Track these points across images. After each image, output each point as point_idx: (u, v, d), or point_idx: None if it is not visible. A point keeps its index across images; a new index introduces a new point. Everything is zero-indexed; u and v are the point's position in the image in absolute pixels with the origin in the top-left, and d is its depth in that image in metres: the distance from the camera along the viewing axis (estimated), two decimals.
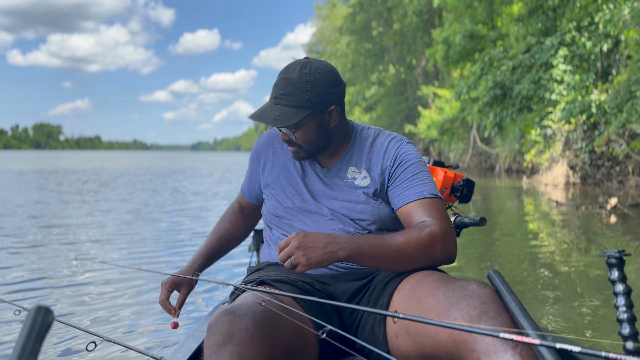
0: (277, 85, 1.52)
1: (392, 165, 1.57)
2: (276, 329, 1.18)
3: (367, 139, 1.64)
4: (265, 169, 1.70)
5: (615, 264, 0.99)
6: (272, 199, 1.65)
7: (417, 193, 1.50)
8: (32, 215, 7.93)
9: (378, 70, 39.23)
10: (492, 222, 7.19)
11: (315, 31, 51.63)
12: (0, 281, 3.99)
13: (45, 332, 0.68)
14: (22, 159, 53.76)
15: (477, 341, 1.08)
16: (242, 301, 1.23)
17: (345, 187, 1.59)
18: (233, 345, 1.08)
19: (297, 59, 1.57)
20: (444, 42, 18.89)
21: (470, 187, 2.11)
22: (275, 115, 1.48)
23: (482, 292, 1.16)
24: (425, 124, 25.96)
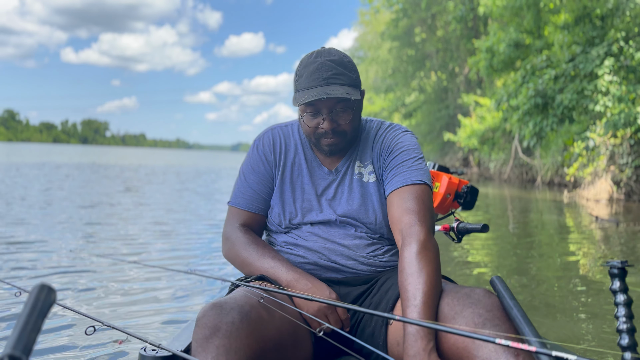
0: (321, 68, 1.44)
1: (387, 155, 1.54)
2: (265, 324, 1.18)
3: (370, 132, 1.61)
4: (278, 172, 1.60)
5: (617, 274, 1.00)
6: (279, 207, 1.58)
7: (401, 180, 1.46)
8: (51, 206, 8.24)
9: (419, 76, 38.89)
10: (528, 235, 7.05)
11: (357, 36, 51.68)
12: (4, 265, 4.15)
13: (48, 309, 0.68)
14: (70, 152, 55.77)
15: (480, 348, 1.09)
16: (231, 295, 1.25)
17: (355, 187, 1.55)
18: (219, 338, 1.09)
19: (314, 50, 1.53)
20: (487, 51, 18.58)
21: (474, 195, 2.11)
22: (342, 92, 1.42)
23: (487, 301, 1.16)
24: (465, 132, 25.54)
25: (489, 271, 4.54)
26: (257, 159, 1.62)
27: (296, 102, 1.46)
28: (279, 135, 1.64)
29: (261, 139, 1.65)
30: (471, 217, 9.27)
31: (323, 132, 1.48)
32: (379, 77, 43.71)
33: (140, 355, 1.19)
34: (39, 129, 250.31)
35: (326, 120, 1.46)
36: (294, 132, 1.65)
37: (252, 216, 1.60)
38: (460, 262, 4.95)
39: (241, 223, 1.59)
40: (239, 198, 1.61)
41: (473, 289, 1.22)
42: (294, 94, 1.51)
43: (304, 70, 1.48)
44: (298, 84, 1.49)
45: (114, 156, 50.98)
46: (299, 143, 1.62)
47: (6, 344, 0.61)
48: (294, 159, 1.60)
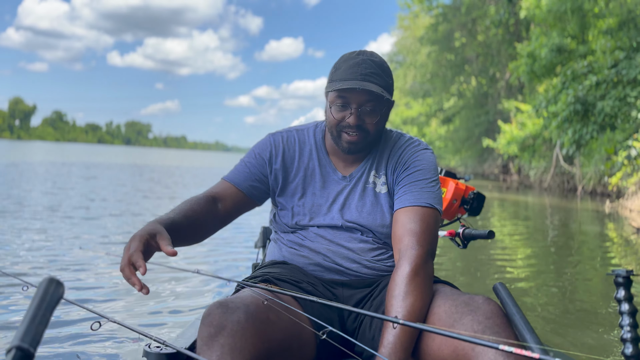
0: (361, 64, 1.46)
1: (401, 169, 1.55)
2: (270, 324, 1.19)
3: (388, 142, 1.61)
4: (289, 174, 1.60)
5: (622, 283, 0.99)
6: (289, 207, 1.58)
7: (411, 200, 1.46)
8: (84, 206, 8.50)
9: (458, 81, 38.36)
10: (566, 246, 6.87)
11: (395, 41, 51.41)
12: (13, 259, 4.30)
13: (56, 303, 0.69)
14: (112, 153, 57.45)
15: (480, 355, 1.08)
16: (237, 295, 1.27)
17: (367, 196, 1.56)
18: (224, 337, 1.10)
19: (356, 50, 1.54)
20: (528, 56, 18.18)
21: (481, 201, 2.10)
22: (377, 89, 1.43)
23: (487, 308, 1.16)
24: (505, 139, 25.01)
25: (525, 282, 4.46)
26: (265, 148, 1.62)
27: (329, 88, 1.46)
28: (294, 137, 1.64)
29: (276, 135, 1.65)
30: (508, 226, 9.09)
31: (347, 125, 1.48)
32: (417, 82, 43.31)
33: (144, 351, 1.20)
34: (84, 130, 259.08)
35: (353, 115, 1.45)
36: (310, 136, 1.65)
37: (231, 189, 1.57)
38: (495, 271, 4.87)
39: (213, 192, 1.56)
40: (231, 174, 1.62)
41: (473, 296, 1.21)
42: (328, 83, 1.51)
43: (344, 64, 1.49)
44: (335, 75, 1.50)
45: (154, 157, 52.26)
46: (313, 148, 1.62)
47: (14, 336, 0.62)
48: (308, 164, 1.60)
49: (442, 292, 1.30)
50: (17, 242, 5.07)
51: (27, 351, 0.62)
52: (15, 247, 4.85)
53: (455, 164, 42.40)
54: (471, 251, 5.90)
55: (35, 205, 8.17)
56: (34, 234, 5.60)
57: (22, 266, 4.10)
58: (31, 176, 15.07)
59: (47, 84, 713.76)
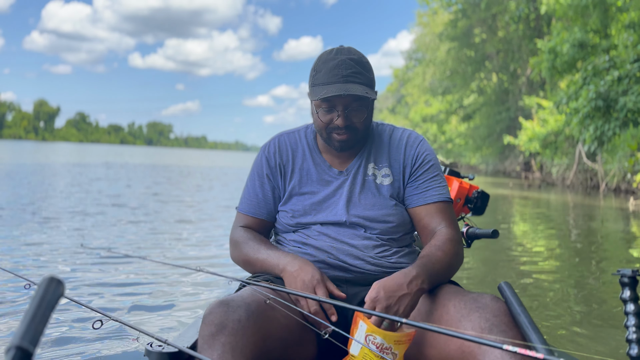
0: (341, 65, 1.46)
1: (413, 164, 1.57)
2: (271, 322, 1.20)
3: (383, 134, 1.63)
4: (286, 178, 1.62)
5: (627, 283, 0.98)
6: (289, 207, 1.60)
7: (436, 195, 1.54)
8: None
9: (478, 78, 37.95)
10: (587, 243, 6.76)
11: (414, 38, 51.08)
12: (14, 257, 4.34)
13: (56, 302, 0.67)
14: (134, 153, 58.31)
15: (486, 354, 1.08)
16: (238, 293, 1.27)
17: (368, 188, 1.57)
18: (225, 335, 1.11)
19: (334, 47, 1.55)
20: (550, 52, 17.89)
21: (485, 200, 2.07)
22: (361, 90, 1.44)
23: (494, 306, 1.16)
24: (526, 135, 24.69)
25: (540, 280, 4.40)
26: (262, 166, 1.65)
27: (314, 97, 1.48)
28: (285, 142, 1.66)
29: (267, 146, 1.67)
30: (529, 224, 8.97)
31: (335, 127, 1.50)
32: (436, 79, 42.97)
33: (146, 350, 1.20)
34: (107, 131, 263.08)
35: (340, 117, 1.47)
36: (301, 138, 1.67)
37: (255, 221, 1.63)
38: (511, 269, 4.82)
39: (244, 226, 1.64)
40: (244, 204, 1.65)
41: (480, 294, 1.21)
42: (311, 88, 1.53)
43: (323, 66, 1.50)
44: (316, 78, 1.51)
45: (175, 158, 52.91)
46: (306, 148, 1.64)
47: (14, 335, 0.62)
48: (302, 165, 1.62)
49: (451, 289, 1.31)
50: (22, 240, 5.15)
51: (27, 351, 0.60)
52: (19, 245, 4.92)
53: (475, 162, 42.00)
54: (489, 250, 5.84)
55: (45, 204, 8.32)
56: (40, 232, 5.69)
57: (25, 264, 4.17)
58: (48, 176, 15.39)
59: (70, 86, 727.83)
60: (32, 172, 16.59)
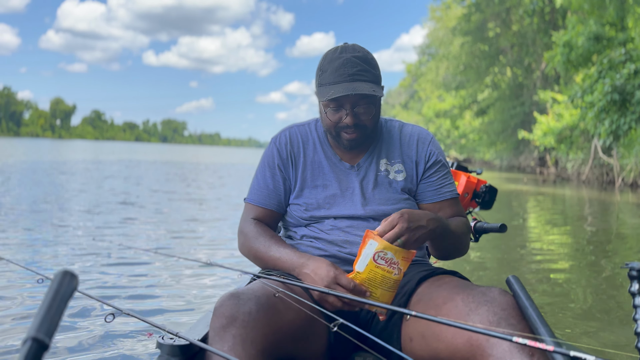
0: (347, 64, 1.47)
1: (426, 162, 1.61)
2: (281, 315, 1.21)
3: (393, 131, 1.64)
4: (298, 170, 1.62)
5: (636, 277, 0.98)
6: (301, 200, 1.60)
7: (450, 192, 1.62)
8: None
9: (492, 72, 37.61)
10: (601, 239, 6.69)
11: (427, 33, 50.74)
12: (28, 252, 4.41)
13: (70, 295, 0.69)
14: (149, 150, 58.77)
15: (494, 347, 1.08)
16: (249, 286, 1.28)
17: (381, 183, 1.58)
18: (236, 327, 1.12)
19: (338, 45, 1.56)
20: (564, 45, 17.65)
21: (493, 194, 2.07)
22: (369, 89, 1.44)
23: (502, 300, 1.15)
24: (541, 130, 24.43)
25: (559, 273, 4.37)
26: (272, 157, 1.64)
27: (322, 97, 1.47)
28: (296, 134, 1.66)
29: (278, 137, 1.67)
30: (543, 220, 8.90)
31: (344, 126, 1.50)
32: (449, 74, 42.65)
33: (158, 343, 1.21)
34: (122, 128, 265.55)
35: (349, 115, 1.48)
36: (312, 130, 1.67)
37: (265, 212, 1.63)
38: (526, 261, 4.80)
39: (253, 217, 1.63)
40: (253, 194, 1.65)
41: (489, 288, 1.21)
42: (318, 88, 1.53)
43: (329, 66, 1.50)
44: (322, 78, 1.51)
45: (189, 154, 53.30)
46: (317, 141, 1.64)
47: (30, 327, 0.63)
48: (314, 157, 1.62)
49: (459, 283, 1.31)
50: (35, 236, 5.23)
51: (43, 342, 0.62)
52: (32, 240, 5.00)
53: (490, 157, 41.68)
54: (501, 245, 5.81)
55: (59, 200, 8.43)
56: (53, 227, 5.77)
57: (39, 259, 4.24)
58: (63, 174, 15.59)
59: (86, 84, 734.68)
60: (48, 169, 16.82)
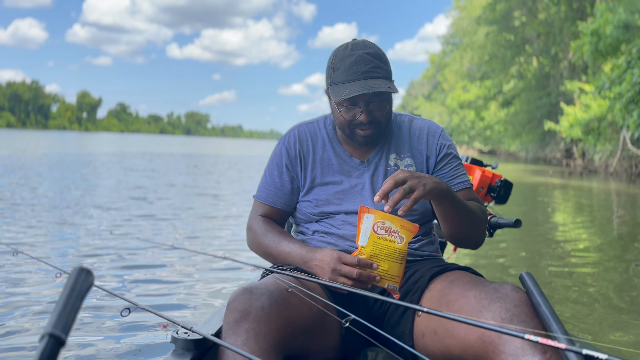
0: (359, 61, 1.46)
1: (437, 154, 1.60)
2: (294, 310, 1.22)
3: (402, 125, 1.64)
4: (307, 168, 1.63)
5: None
6: (312, 197, 1.60)
7: (463, 182, 1.60)
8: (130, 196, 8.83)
9: (518, 62, 36.90)
10: (628, 234, 6.56)
11: (452, 22, 50.01)
12: (45, 246, 4.49)
13: (86, 291, 0.71)
14: (175, 143, 59.42)
15: (506, 343, 1.08)
16: (262, 281, 1.30)
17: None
18: (249, 322, 1.13)
19: (348, 41, 1.55)
20: (592, 34, 17.21)
21: (508, 189, 2.04)
22: (384, 86, 1.44)
23: (515, 296, 1.15)
24: (568, 121, 23.92)
25: (578, 269, 4.31)
26: (281, 157, 1.65)
27: (337, 97, 1.46)
28: (305, 132, 1.66)
29: (287, 137, 1.68)
30: (569, 214, 8.76)
31: (359, 123, 1.50)
32: (474, 64, 42.00)
33: (172, 337, 1.23)
34: (147, 121, 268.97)
35: (364, 113, 1.47)
36: (321, 128, 1.67)
37: (273, 210, 1.65)
38: (545, 257, 4.74)
39: (261, 214, 1.65)
40: (262, 192, 1.67)
41: (501, 284, 1.21)
42: (330, 86, 1.52)
43: (341, 64, 1.49)
44: (334, 76, 1.50)
45: (212, 147, 53.78)
46: (326, 139, 1.64)
47: (47, 324, 0.65)
48: (323, 155, 1.62)
49: (472, 279, 1.30)
50: (53, 229, 5.34)
51: (59, 338, 0.64)
52: (50, 234, 5.11)
53: (515, 149, 41.01)
54: (521, 240, 5.74)
55: (79, 194, 8.60)
56: (71, 221, 5.89)
57: (56, 252, 4.33)
58: (86, 167, 15.88)
59: (111, 77, 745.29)
60: (71, 163, 17.15)
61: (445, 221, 1.47)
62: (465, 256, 4.62)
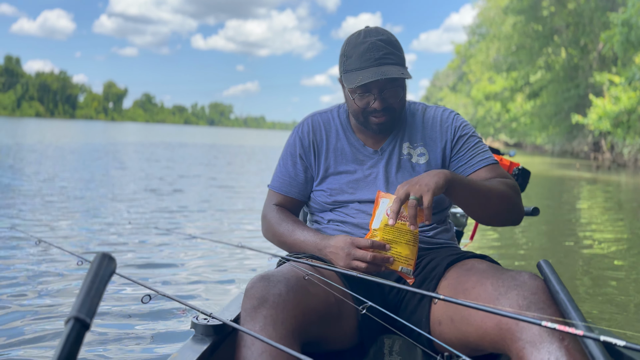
0: (372, 48, 1.45)
1: (452, 138, 1.58)
2: (311, 297, 1.23)
3: (416, 114, 1.63)
4: (321, 157, 1.63)
5: None
6: (326, 186, 1.61)
7: (482, 161, 1.55)
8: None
9: (546, 53, 36.12)
10: None
11: (478, 12, 49.16)
12: (67, 235, 4.58)
13: (109, 277, 0.71)
14: (200, 133, 59.96)
15: (524, 330, 1.07)
16: (279, 269, 1.31)
17: (404, 167, 1.57)
18: (267, 308, 1.15)
19: (361, 28, 1.55)
20: (623, 24, 16.75)
21: (526, 177, 2.02)
22: (397, 72, 1.43)
23: (532, 284, 1.14)
24: (596, 114, 23.39)
25: (600, 261, 4.23)
26: (294, 146, 1.67)
27: (351, 84, 1.45)
28: (318, 122, 1.67)
29: (300, 126, 1.69)
30: (595, 209, 8.59)
31: (373, 110, 1.50)
32: (500, 55, 41.26)
33: (192, 323, 1.24)
34: (172, 112, 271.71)
35: (377, 100, 1.47)
36: (334, 117, 1.67)
37: (286, 199, 1.67)
38: (570, 249, 4.67)
39: (276, 204, 1.67)
40: (276, 182, 1.69)
41: (519, 272, 1.19)
42: (344, 74, 1.52)
43: (354, 51, 1.48)
44: (348, 64, 1.50)
45: (234, 138, 54.17)
46: (339, 128, 1.65)
47: (72, 307, 0.66)
48: (337, 144, 1.63)
49: (489, 267, 1.30)
50: (75, 218, 5.46)
51: (84, 321, 0.65)
52: (72, 223, 5.22)
53: (541, 142, 40.29)
54: (546, 231, 5.66)
55: (100, 184, 8.75)
56: (92, 210, 6.02)
57: (78, 241, 4.43)
58: (109, 157, 16.14)
59: (137, 67, 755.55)
60: (95, 152, 17.49)
61: (465, 206, 1.45)
62: (483, 245, 4.59)
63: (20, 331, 2.47)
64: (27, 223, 5.12)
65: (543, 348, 1.04)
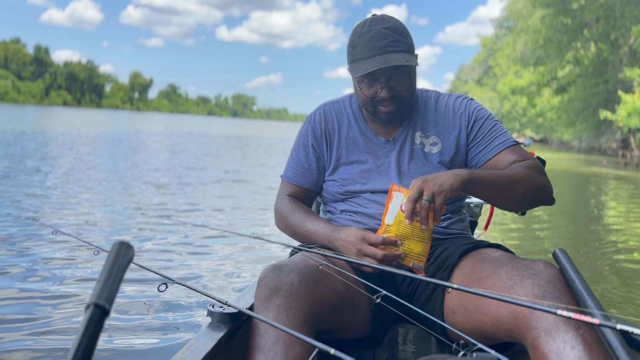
0: (377, 36, 1.44)
1: (467, 125, 1.55)
2: (323, 286, 1.24)
3: (429, 102, 1.60)
4: (333, 147, 1.63)
5: None
6: (338, 176, 1.60)
7: (501, 144, 1.52)
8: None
9: (575, 47, 35.34)
10: None
11: (506, 5, 48.29)
12: (83, 226, 4.63)
13: (127, 264, 0.72)
14: (223, 124, 60.33)
15: (539, 319, 1.06)
16: (291, 258, 1.32)
17: (417, 157, 1.55)
18: (280, 297, 1.17)
19: (368, 17, 1.53)
20: None
21: None
22: (401, 59, 1.42)
23: (548, 272, 1.12)
24: (625, 110, 22.84)
25: (621, 255, 4.16)
26: (307, 136, 1.66)
27: (356, 74, 1.45)
28: (330, 111, 1.66)
29: (312, 116, 1.68)
30: (622, 206, 8.42)
31: (380, 99, 1.48)
32: (528, 49, 40.51)
33: (208, 311, 1.26)
34: (196, 102, 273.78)
35: (384, 89, 1.45)
36: (346, 107, 1.66)
37: (299, 189, 1.67)
38: (594, 244, 4.59)
39: (288, 194, 1.67)
40: (288, 172, 1.69)
41: (534, 261, 1.18)
42: (350, 64, 1.51)
43: (359, 40, 1.47)
44: (354, 54, 1.49)
45: (256, 129, 54.45)
46: (351, 117, 1.63)
47: (92, 294, 0.68)
48: (348, 133, 1.61)
49: (501, 256, 1.29)
50: (92, 208, 5.55)
51: (104, 307, 0.67)
52: (88, 213, 5.31)
53: (568, 138, 39.56)
54: (570, 224, 5.57)
55: (120, 174, 8.84)
56: (109, 200, 6.10)
57: (94, 231, 4.52)
58: (131, 146, 16.35)
59: (162, 58, 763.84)
60: (118, 141, 17.73)
61: (490, 200, 1.44)
62: (497, 236, 4.55)
63: (41, 318, 2.53)
64: (45, 213, 5.22)
65: (558, 337, 1.03)
